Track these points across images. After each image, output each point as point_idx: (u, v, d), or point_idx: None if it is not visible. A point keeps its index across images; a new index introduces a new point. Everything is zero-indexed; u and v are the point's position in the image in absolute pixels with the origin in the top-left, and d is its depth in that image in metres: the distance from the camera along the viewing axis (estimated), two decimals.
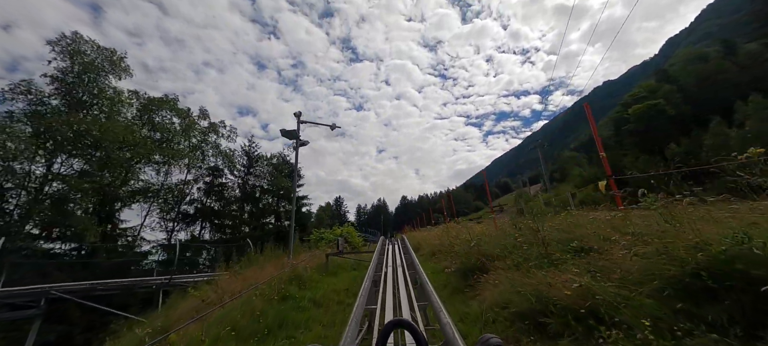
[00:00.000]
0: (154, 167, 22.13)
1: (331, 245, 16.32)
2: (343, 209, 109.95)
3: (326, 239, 17.00)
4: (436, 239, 14.78)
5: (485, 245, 7.26)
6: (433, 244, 13.33)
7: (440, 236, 14.16)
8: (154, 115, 22.73)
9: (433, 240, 15.05)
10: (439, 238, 14.09)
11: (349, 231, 17.52)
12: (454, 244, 9.85)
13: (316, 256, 11.52)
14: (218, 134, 27.29)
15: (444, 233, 13.46)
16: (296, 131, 10.91)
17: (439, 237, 14.23)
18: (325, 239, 17.02)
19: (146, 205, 21.81)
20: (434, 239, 15.19)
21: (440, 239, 13.22)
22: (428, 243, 15.72)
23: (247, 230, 28.25)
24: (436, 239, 14.78)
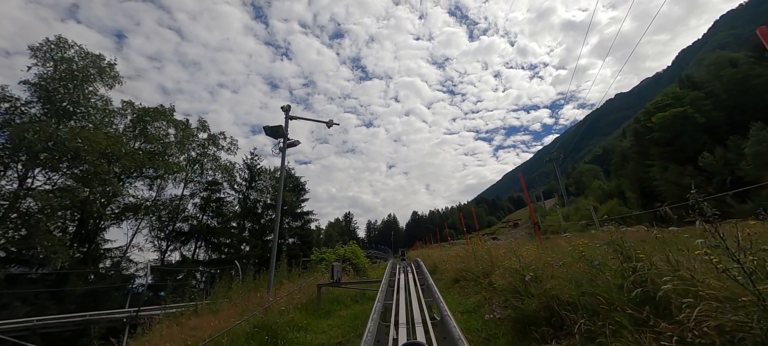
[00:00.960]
0: (146, 182, 20.27)
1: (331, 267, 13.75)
2: (353, 224, 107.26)
3: (328, 260, 14.45)
4: (456, 260, 12.11)
5: (551, 280, 4.63)
6: (455, 267, 10.66)
7: (463, 257, 11.49)
8: (149, 126, 21.07)
9: (452, 261, 12.37)
10: (461, 259, 11.42)
11: (354, 250, 14.98)
12: (490, 271, 7.24)
13: (308, 286, 9.01)
14: (218, 147, 25.54)
15: (469, 255, 10.81)
16: (283, 128, 8.62)
17: (461, 258, 11.56)
18: (326, 260, 14.48)
19: (136, 222, 19.85)
20: (454, 259, 12.51)
21: (464, 261, 10.57)
22: (447, 264, 13.05)
23: (247, 249, 25.97)
24: (456, 260, 12.11)
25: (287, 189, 30.88)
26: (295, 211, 30.83)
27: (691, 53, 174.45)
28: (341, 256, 14.59)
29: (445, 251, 18.73)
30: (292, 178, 32.10)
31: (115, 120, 19.75)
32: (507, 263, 6.57)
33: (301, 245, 29.95)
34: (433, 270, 16.64)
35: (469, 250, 11.75)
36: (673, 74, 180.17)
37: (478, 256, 8.84)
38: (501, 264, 6.84)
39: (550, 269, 5.01)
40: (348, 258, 14.44)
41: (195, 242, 22.39)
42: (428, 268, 16.67)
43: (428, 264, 18.04)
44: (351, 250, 14.96)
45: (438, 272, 14.53)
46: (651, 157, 44.64)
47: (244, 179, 28.03)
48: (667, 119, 43.60)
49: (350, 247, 15.25)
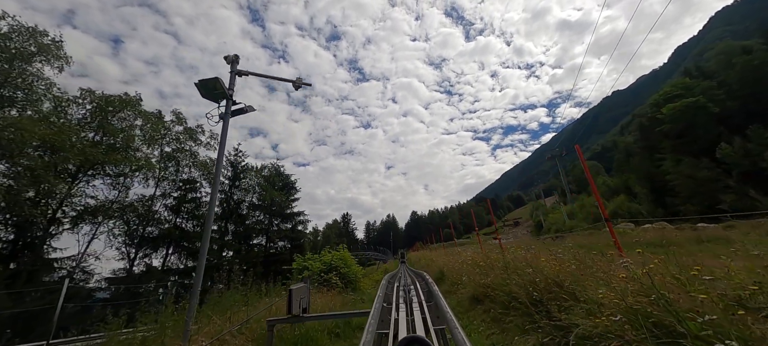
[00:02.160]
0: (109, 180, 17.38)
1: (315, 280, 10.90)
2: (352, 226, 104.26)
3: (312, 269, 11.60)
4: (473, 269, 9.32)
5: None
6: (476, 282, 7.82)
7: (484, 266, 8.68)
8: (112, 117, 18.23)
9: (469, 271, 9.57)
10: (482, 269, 8.61)
11: (343, 257, 12.15)
12: (546, 296, 4.47)
13: (259, 318, 6.13)
14: (196, 141, 22.68)
15: (493, 264, 8.03)
16: (222, 83, 5.79)
17: (482, 268, 8.76)
18: (309, 269, 11.63)
19: (94, 227, 16.95)
20: (470, 267, 9.71)
21: (487, 273, 7.75)
22: (459, 273, 10.28)
23: (229, 255, 23.11)
24: (473, 269, 9.32)
25: (276, 188, 28.05)
26: (285, 212, 27.99)
27: (687, 50, 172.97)
28: (327, 264, 11.75)
29: (453, 255, 15.91)
30: (282, 176, 29.25)
31: (70, 109, 16.92)
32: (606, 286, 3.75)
33: (291, 249, 27.12)
34: (440, 278, 13.84)
35: (491, 257, 8.96)
36: (670, 71, 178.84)
37: (517, 269, 6.01)
38: (584, 285, 3.99)
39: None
40: (335, 266, 11.59)
41: (167, 248, 19.45)
42: (433, 276, 13.83)
43: (433, 271, 15.21)
44: (339, 256, 12.11)
45: (446, 281, 11.74)
46: (661, 150, 42.01)
47: (227, 178, 25.20)
48: (677, 110, 40.99)
49: (338, 252, 12.40)
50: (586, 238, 25.54)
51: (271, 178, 27.57)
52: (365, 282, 13.38)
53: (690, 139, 40.50)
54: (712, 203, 35.03)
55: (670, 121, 41.62)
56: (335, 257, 11.91)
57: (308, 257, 12.80)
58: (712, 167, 35.72)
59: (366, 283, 13.42)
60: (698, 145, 39.57)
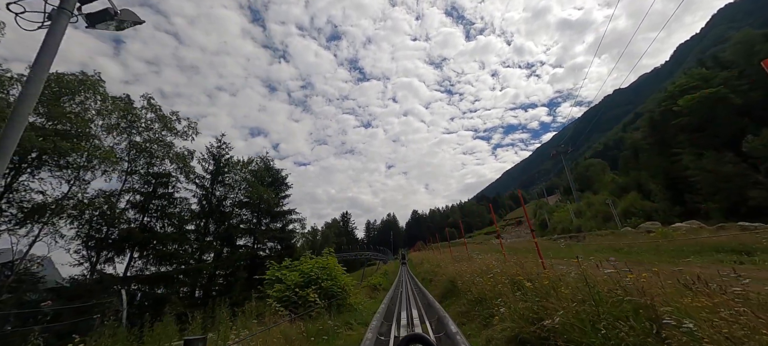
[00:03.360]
0: (57, 173, 14.55)
1: (286, 301, 8.08)
2: (351, 225, 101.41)
3: (288, 283, 8.74)
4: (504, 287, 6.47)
5: None
6: (522, 314, 4.83)
7: (528, 285, 5.80)
8: (70, 100, 15.44)
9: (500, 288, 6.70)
10: (528, 292, 5.74)
11: (328, 265, 9.31)
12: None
13: None
14: (171, 131, 19.83)
15: (546, 286, 5.13)
16: None
17: (529, 290, 5.90)
18: (283, 283, 8.78)
19: (39, 227, 14.10)
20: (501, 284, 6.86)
21: (533, 294, 4.86)
22: (478, 288, 7.46)
23: (209, 258, 20.30)
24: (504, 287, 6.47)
25: (265, 184, 25.22)
26: (275, 210, 25.17)
27: (689, 48, 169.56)
28: (306, 275, 8.88)
29: (466, 260, 13.03)
30: (271, 170, 26.42)
31: (13, 90, 14.12)
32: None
33: (281, 250, 24.31)
34: (451, 291, 10.99)
35: (531, 270, 6.14)
36: (671, 69, 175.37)
37: (611, 301, 3.11)
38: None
39: None
40: (316, 278, 8.71)
41: (130, 252, 16.56)
42: (443, 288, 10.96)
43: (441, 281, 12.31)
44: (321, 265, 9.26)
45: (462, 297, 8.91)
46: (678, 144, 39.06)
47: (208, 172, 22.39)
48: (696, 102, 38.03)
49: (321, 259, 9.55)
50: (611, 239, 22.75)
51: (259, 173, 24.76)
52: (358, 296, 10.51)
53: (710, 132, 37.52)
54: (737, 199, 32.03)
55: (688, 114, 38.67)
56: (316, 266, 9.06)
57: (285, 265, 9.94)
58: (738, 162, 32.73)
59: (359, 297, 10.55)
60: (720, 139, 36.61)
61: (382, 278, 24.64)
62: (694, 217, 33.22)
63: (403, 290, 11.08)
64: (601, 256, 13.27)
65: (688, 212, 35.92)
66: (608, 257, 13.00)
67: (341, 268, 10.10)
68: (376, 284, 21.37)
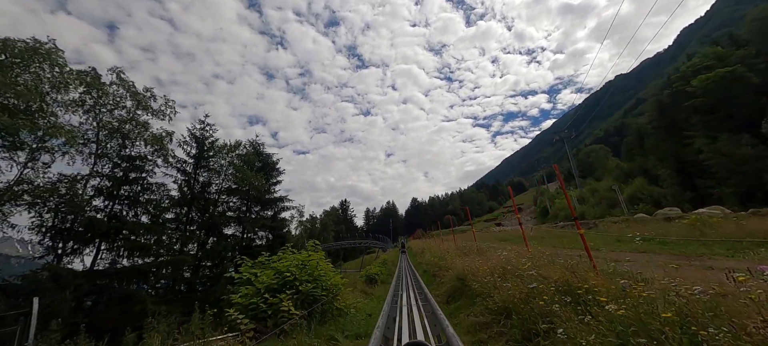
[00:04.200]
0: (2, 155, 12.49)
1: (251, 312, 6.17)
2: (350, 212, 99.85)
3: (258, 286, 6.81)
4: (566, 309, 4.60)
5: None
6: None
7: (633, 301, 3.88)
8: (23, 72, 13.32)
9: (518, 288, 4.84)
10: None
11: (309, 263, 7.43)
12: None
13: None
14: (146, 110, 17.69)
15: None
16: None
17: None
18: (252, 287, 6.87)
19: None
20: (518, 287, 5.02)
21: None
22: (501, 293, 5.62)
23: (191, 249, 18.45)
24: (566, 309, 4.60)
25: (254, 169, 23.22)
26: (265, 197, 23.24)
27: (693, 32, 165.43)
28: (281, 276, 6.97)
29: (480, 254, 11.19)
30: (261, 155, 24.37)
31: None
32: None
33: (272, 239, 22.50)
34: (460, 291, 9.17)
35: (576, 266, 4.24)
36: (675, 54, 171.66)
37: None
38: None
39: None
40: (294, 279, 6.80)
41: (98, 243, 14.60)
42: (449, 287, 9.12)
43: (448, 278, 10.45)
44: (300, 262, 7.35)
45: (478, 303, 7.08)
46: (691, 127, 36.99)
47: (190, 155, 20.33)
48: (711, 82, 35.75)
49: (303, 254, 7.65)
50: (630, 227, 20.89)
51: (248, 157, 22.71)
52: (350, 297, 8.64)
53: (724, 113, 35.42)
54: (753, 184, 30.20)
55: (702, 95, 36.46)
56: (294, 264, 7.16)
57: (261, 260, 8.03)
58: (755, 144, 30.76)
59: (351, 298, 8.69)
60: (735, 120, 34.55)
61: (381, 267, 23.05)
62: (706, 202, 31.50)
63: (404, 293, 9.14)
64: (635, 247, 11.52)
65: (699, 198, 34.16)
66: (647, 249, 11.19)
67: (328, 264, 8.20)
68: (373, 275, 19.65)
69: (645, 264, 5.19)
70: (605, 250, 12.67)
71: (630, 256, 8.95)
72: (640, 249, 10.97)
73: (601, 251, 12.28)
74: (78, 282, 12.03)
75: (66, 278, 11.44)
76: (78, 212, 14.13)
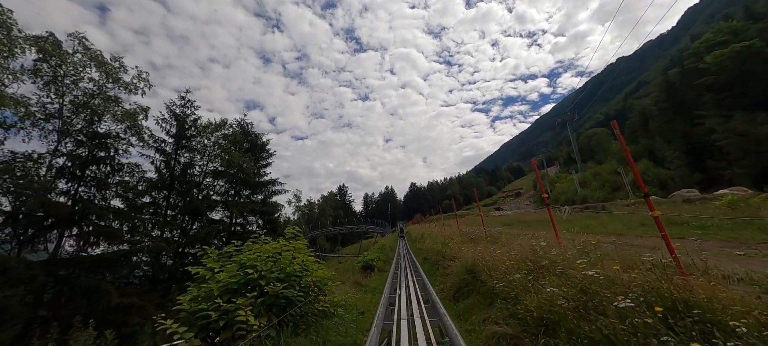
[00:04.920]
0: None
1: (194, 326, 4.39)
2: (348, 197, 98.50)
3: (219, 283, 5.14)
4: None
5: None
6: None
7: None
8: None
9: (570, 292, 3.20)
10: None
11: (283, 253, 5.87)
12: None
13: None
14: (117, 83, 15.75)
15: None
16: None
17: None
18: (211, 285, 5.19)
19: None
20: (570, 291, 3.42)
21: None
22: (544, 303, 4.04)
23: (173, 235, 16.86)
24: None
25: (242, 150, 21.42)
26: (254, 180, 21.54)
27: (698, 12, 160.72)
28: (246, 270, 5.27)
29: (485, 242, 9.60)
30: (249, 135, 22.50)
31: None
32: None
33: (263, 225, 20.93)
34: (470, 287, 7.63)
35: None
36: (679, 35, 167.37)
37: None
38: None
39: None
40: (255, 279, 5.10)
41: (60, 230, 12.97)
42: (456, 283, 7.59)
43: (455, 272, 8.91)
44: (268, 255, 5.70)
45: (490, 300, 5.54)
46: (703, 106, 35.13)
47: (170, 134, 18.46)
48: (727, 58, 33.65)
49: (273, 245, 6.00)
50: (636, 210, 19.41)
51: (235, 137, 20.87)
52: (338, 293, 7.05)
53: (738, 91, 33.46)
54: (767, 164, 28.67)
55: (716, 72, 34.45)
56: (262, 257, 5.52)
57: (227, 251, 6.37)
58: None
59: (340, 293, 7.11)
60: (749, 98, 32.64)
61: (379, 253, 21.68)
62: (717, 184, 30.12)
63: (402, 288, 7.51)
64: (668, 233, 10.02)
65: (710, 179, 32.69)
66: (684, 234, 9.63)
67: (310, 256, 6.56)
68: (371, 261, 18.18)
69: (729, 258, 3.60)
70: (630, 235, 11.16)
71: (675, 243, 7.33)
72: (676, 235, 9.40)
73: (625, 236, 10.78)
74: (33, 273, 10.49)
75: (16, 269, 9.89)
76: (38, 195, 12.43)
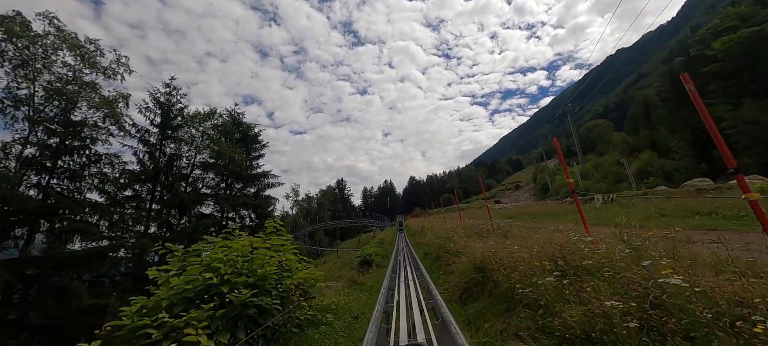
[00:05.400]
0: None
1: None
2: (347, 192, 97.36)
3: (173, 290, 4.07)
4: None
5: None
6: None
7: None
8: None
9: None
10: None
11: (256, 253, 4.88)
12: None
13: None
14: (94, 67, 14.53)
15: None
16: None
17: None
18: (162, 294, 4.13)
19: None
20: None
21: None
22: (593, 320, 2.99)
23: (158, 231, 15.81)
24: None
25: (233, 141, 20.28)
26: (246, 172, 20.44)
27: (699, 2, 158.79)
28: (209, 272, 4.13)
29: (495, 237, 8.66)
30: (241, 125, 21.33)
31: None
32: None
33: (256, 219, 19.90)
34: (480, 287, 6.66)
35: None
36: (678, 26, 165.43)
37: None
38: None
39: None
40: (215, 286, 3.96)
41: (29, 226, 11.93)
42: (463, 282, 6.59)
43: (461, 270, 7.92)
44: (235, 256, 4.63)
45: (507, 304, 4.54)
46: (710, 93, 34.09)
47: (154, 124, 17.29)
48: (735, 44, 32.53)
49: (242, 241, 4.94)
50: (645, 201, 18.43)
51: (225, 127, 19.70)
52: (329, 292, 6.02)
53: (747, 78, 32.42)
54: None
55: (724, 59, 33.35)
56: (229, 257, 4.47)
57: (195, 249, 5.31)
58: None
59: (328, 294, 6.09)
60: (758, 85, 31.62)
61: (377, 247, 20.74)
62: (724, 174, 29.28)
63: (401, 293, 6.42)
64: (697, 224, 9.04)
65: (716, 170, 31.82)
66: (717, 226, 8.62)
67: (292, 255, 5.51)
68: (369, 256, 17.19)
69: None
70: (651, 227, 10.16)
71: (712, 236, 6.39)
72: (706, 226, 8.41)
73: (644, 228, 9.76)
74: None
75: None
76: (2, 187, 11.32)
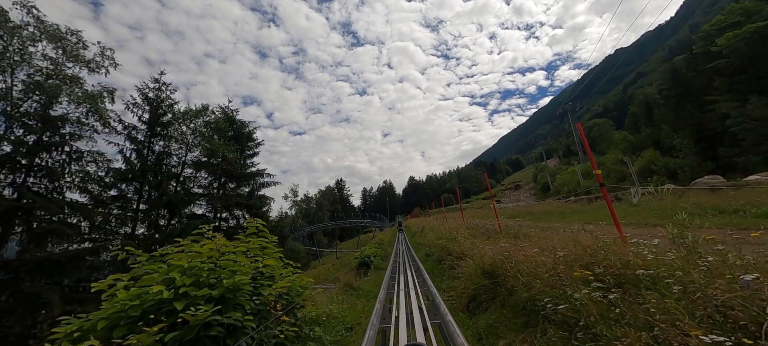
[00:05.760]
0: None
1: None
2: (346, 192, 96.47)
3: (117, 306, 3.24)
4: None
5: None
6: None
7: None
8: None
9: None
10: None
11: (229, 259, 4.14)
12: None
13: None
14: (77, 60, 13.72)
15: None
16: None
17: None
18: (105, 311, 3.30)
19: None
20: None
21: None
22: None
23: (143, 231, 15.00)
24: None
25: (226, 139, 19.46)
26: (240, 171, 19.62)
27: (698, 2, 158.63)
28: (168, 286, 3.24)
29: (509, 239, 7.84)
30: (234, 123, 20.50)
31: None
32: None
33: (249, 219, 19.11)
34: (490, 294, 5.88)
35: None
36: (677, 26, 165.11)
37: None
38: None
39: None
40: (169, 301, 3.06)
41: (5, 228, 11.08)
42: (470, 288, 5.80)
43: (468, 275, 7.13)
44: (200, 262, 3.80)
45: (526, 318, 3.76)
46: (714, 91, 33.42)
47: (143, 120, 16.48)
48: (740, 39, 31.86)
49: (209, 245, 4.12)
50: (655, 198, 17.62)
51: (218, 125, 18.89)
52: (321, 304, 5.21)
53: (753, 74, 31.76)
54: None
55: (728, 55, 32.68)
56: (191, 267, 3.67)
57: (160, 253, 4.50)
58: None
59: (321, 305, 5.28)
60: (766, 81, 30.99)
61: (376, 248, 19.99)
62: (731, 171, 28.65)
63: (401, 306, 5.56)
64: (724, 223, 8.31)
65: (722, 168, 31.14)
66: (747, 225, 7.86)
67: (276, 260, 4.71)
68: (367, 258, 16.42)
69: None
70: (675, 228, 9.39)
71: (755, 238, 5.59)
72: (737, 225, 7.64)
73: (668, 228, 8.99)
74: None
75: None
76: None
